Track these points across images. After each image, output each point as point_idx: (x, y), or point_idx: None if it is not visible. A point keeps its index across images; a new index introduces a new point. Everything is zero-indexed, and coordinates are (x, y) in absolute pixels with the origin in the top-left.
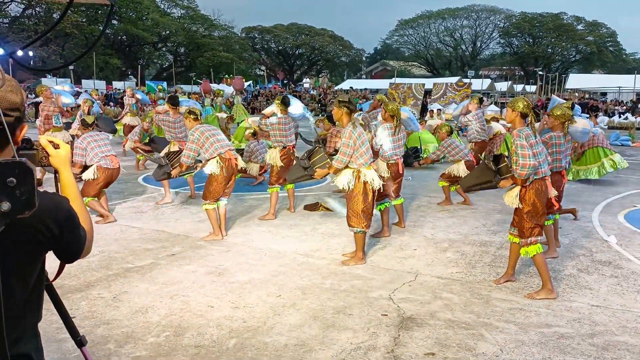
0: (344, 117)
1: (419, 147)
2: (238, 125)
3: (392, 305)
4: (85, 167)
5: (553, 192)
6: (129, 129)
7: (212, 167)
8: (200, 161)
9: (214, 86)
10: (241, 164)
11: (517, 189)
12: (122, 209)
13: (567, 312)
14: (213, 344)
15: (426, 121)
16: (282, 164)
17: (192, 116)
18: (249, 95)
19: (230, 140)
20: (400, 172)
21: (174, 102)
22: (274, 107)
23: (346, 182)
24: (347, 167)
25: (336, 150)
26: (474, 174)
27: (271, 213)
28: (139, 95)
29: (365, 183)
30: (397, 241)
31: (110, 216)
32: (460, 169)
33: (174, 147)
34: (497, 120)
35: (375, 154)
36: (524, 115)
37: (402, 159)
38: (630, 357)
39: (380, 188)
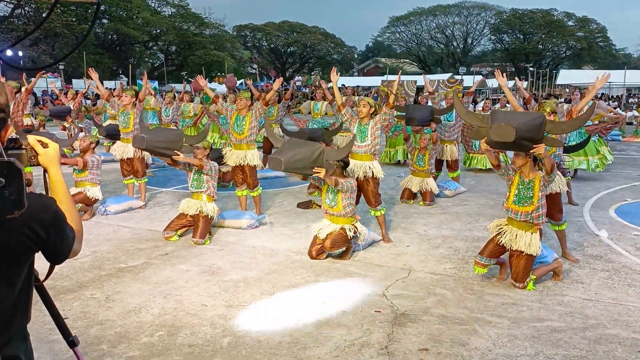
0: (339, 172)
1: None
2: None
3: (385, 301)
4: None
5: None
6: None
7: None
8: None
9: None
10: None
11: (537, 236)
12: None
13: (559, 306)
14: (207, 342)
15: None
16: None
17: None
18: None
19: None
20: None
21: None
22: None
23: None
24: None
25: None
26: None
27: (257, 210)
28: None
29: None
30: (390, 238)
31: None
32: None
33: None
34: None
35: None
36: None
37: None
38: (621, 350)
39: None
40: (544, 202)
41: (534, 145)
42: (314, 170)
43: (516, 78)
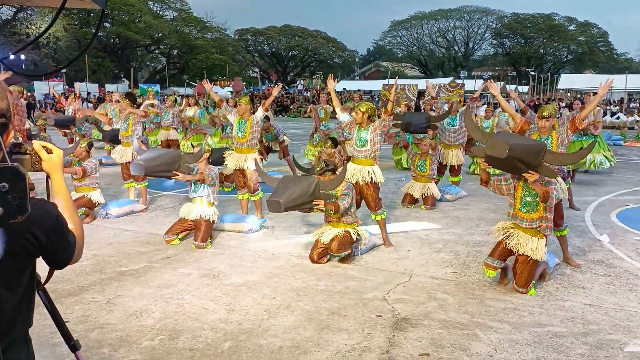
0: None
1: None
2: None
3: (386, 306)
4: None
5: None
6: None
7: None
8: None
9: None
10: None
11: (543, 242)
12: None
13: (560, 311)
14: (208, 347)
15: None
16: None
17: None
18: None
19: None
20: None
21: (132, 99)
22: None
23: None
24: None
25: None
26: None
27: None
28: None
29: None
30: (391, 242)
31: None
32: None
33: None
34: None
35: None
36: None
37: None
38: (622, 355)
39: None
40: (549, 216)
41: (529, 172)
42: (313, 203)
43: (508, 88)
